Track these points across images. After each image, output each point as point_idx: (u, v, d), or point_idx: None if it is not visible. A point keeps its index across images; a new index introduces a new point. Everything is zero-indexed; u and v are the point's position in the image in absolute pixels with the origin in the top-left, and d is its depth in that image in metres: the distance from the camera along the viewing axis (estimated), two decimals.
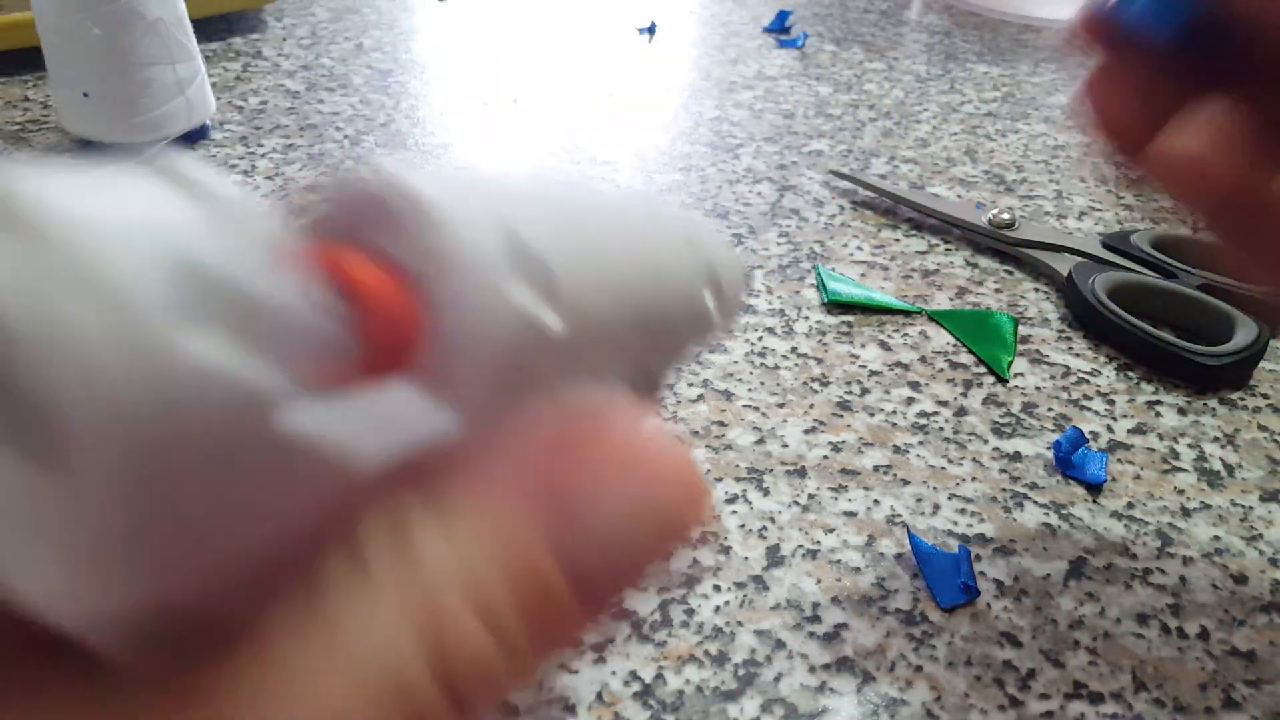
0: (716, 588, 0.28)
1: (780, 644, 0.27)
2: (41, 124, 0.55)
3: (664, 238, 0.16)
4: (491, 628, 0.09)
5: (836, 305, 0.41)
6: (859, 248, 0.45)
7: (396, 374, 0.11)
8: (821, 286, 0.42)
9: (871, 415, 0.35)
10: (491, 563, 0.10)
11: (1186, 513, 0.31)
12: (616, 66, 0.66)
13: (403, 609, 0.09)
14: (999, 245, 0.45)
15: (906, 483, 0.32)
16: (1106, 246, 0.44)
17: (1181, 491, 0.32)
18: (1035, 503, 0.32)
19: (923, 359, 0.38)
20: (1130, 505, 0.32)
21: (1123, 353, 0.39)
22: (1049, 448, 0.34)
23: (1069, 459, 0.32)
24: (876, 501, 0.31)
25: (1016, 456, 0.33)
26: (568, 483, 0.10)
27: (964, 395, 0.36)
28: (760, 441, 0.34)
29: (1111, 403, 0.36)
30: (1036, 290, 0.43)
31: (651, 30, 0.72)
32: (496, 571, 0.10)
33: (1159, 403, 0.36)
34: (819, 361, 0.38)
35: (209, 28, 0.68)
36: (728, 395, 0.36)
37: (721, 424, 0.34)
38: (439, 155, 0.53)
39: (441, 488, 0.10)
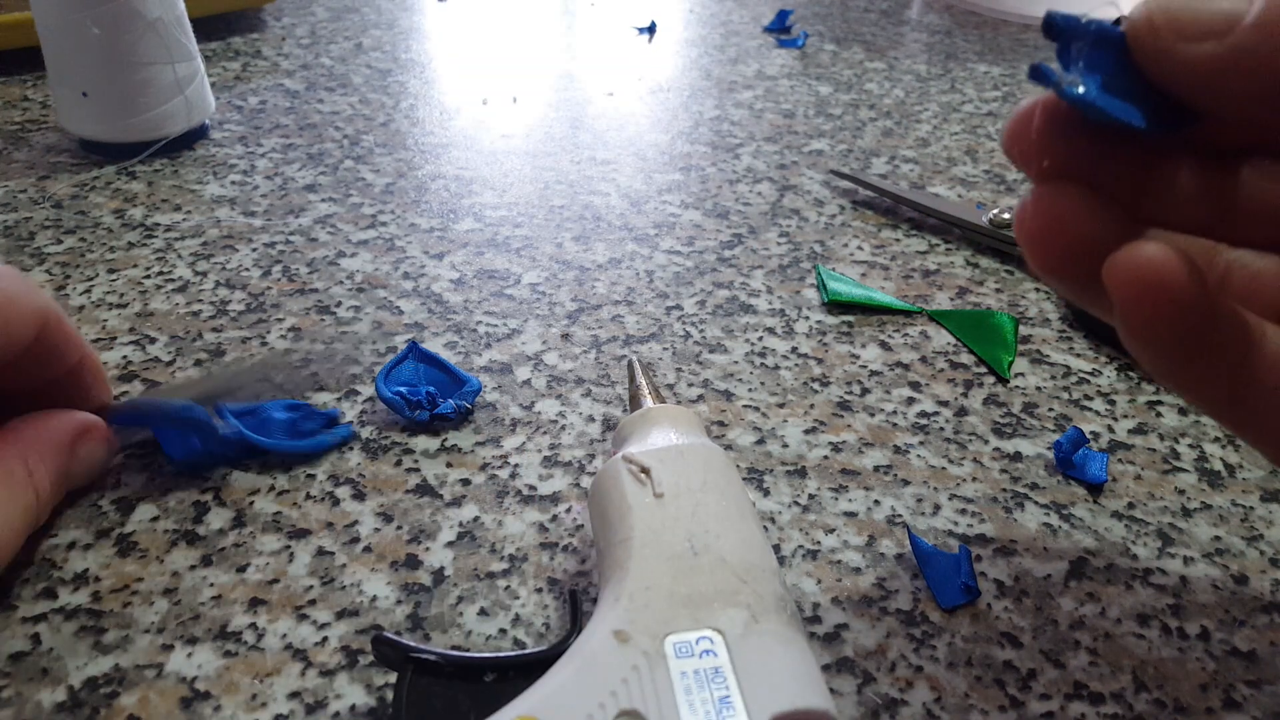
0: None
1: None
2: (41, 124, 0.55)
3: None
4: None
5: (837, 305, 0.41)
6: (859, 247, 0.45)
7: None
8: (822, 286, 0.42)
9: (872, 415, 0.35)
10: None
11: (1187, 513, 0.31)
12: (616, 65, 0.66)
13: None
14: (999, 245, 0.45)
15: (907, 483, 0.32)
16: None
17: (1182, 491, 0.32)
18: (1036, 503, 0.31)
19: (923, 359, 0.38)
20: (1131, 505, 0.32)
21: (1123, 353, 0.39)
22: (1049, 448, 0.34)
23: (1069, 459, 0.32)
24: (877, 502, 0.31)
25: (1017, 456, 0.33)
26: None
27: (964, 395, 0.36)
28: (760, 441, 0.34)
29: (1112, 403, 0.36)
30: (1037, 290, 0.43)
31: (651, 30, 0.72)
32: None
33: (1159, 403, 0.36)
34: (819, 361, 0.38)
35: (208, 27, 0.68)
36: (728, 395, 0.36)
37: (722, 424, 0.34)
38: (439, 155, 0.53)
39: None
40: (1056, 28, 0.19)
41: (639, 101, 0.60)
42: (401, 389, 0.34)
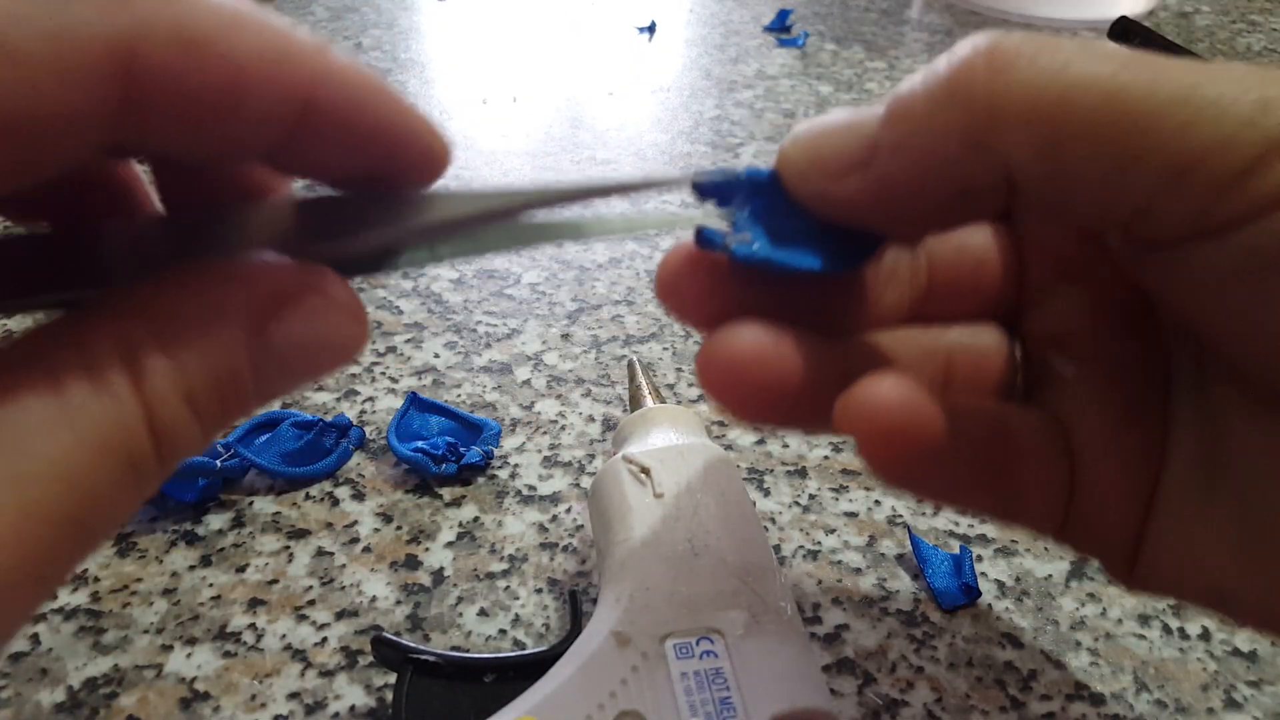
0: None
1: None
2: None
3: None
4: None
5: None
6: None
7: None
8: None
9: None
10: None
11: None
12: (616, 65, 0.66)
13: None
14: None
15: None
16: None
17: None
18: None
19: None
20: None
21: None
22: None
23: None
24: (877, 502, 0.31)
25: None
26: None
27: None
28: (761, 442, 0.34)
29: None
30: None
31: (651, 29, 0.72)
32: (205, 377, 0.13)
33: None
34: None
35: None
36: None
37: (722, 424, 0.34)
38: None
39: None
40: (706, 191, 0.17)
41: (639, 101, 0.60)
42: (420, 444, 0.31)
